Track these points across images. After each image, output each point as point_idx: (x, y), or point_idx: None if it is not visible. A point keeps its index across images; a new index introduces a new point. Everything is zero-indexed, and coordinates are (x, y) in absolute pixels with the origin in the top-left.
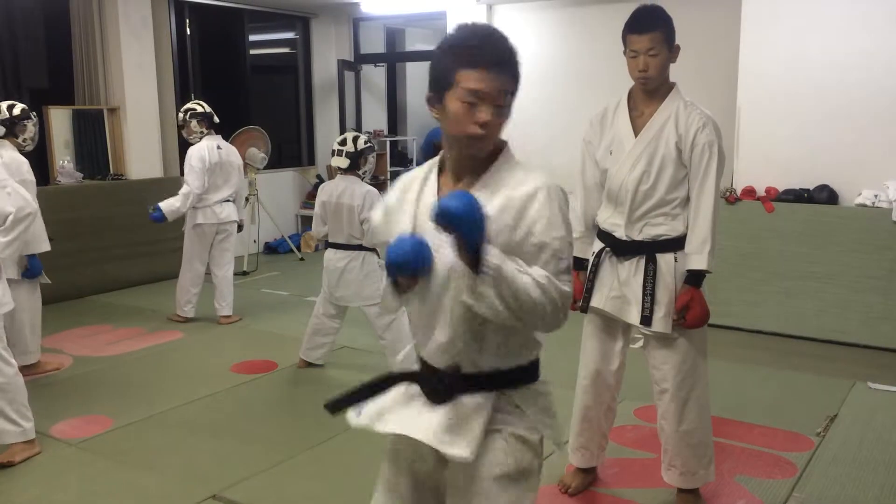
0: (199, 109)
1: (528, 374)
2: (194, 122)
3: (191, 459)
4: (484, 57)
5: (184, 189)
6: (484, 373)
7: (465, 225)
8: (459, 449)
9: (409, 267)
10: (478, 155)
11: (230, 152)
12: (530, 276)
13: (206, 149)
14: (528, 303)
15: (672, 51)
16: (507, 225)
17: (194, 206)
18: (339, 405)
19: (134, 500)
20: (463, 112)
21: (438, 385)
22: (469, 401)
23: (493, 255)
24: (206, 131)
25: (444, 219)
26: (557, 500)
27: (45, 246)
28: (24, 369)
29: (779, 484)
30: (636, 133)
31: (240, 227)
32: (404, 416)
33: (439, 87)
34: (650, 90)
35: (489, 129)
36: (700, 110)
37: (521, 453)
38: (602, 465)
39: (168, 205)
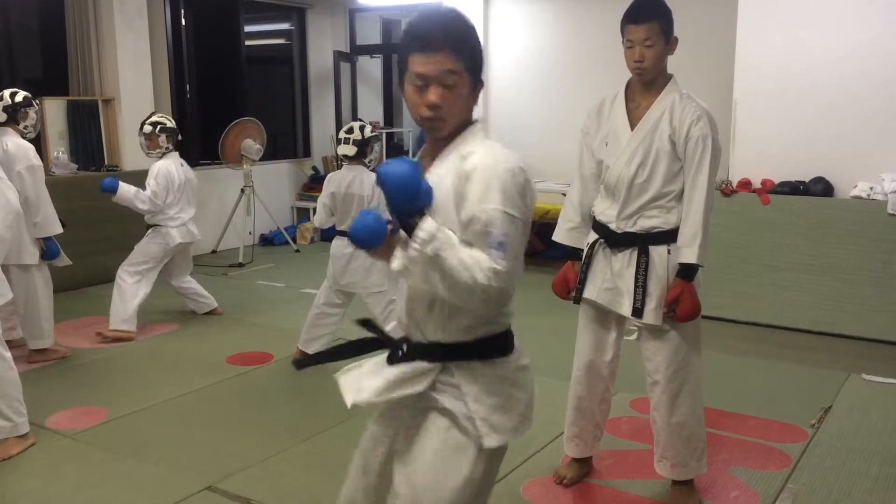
0: (169, 124)
1: (472, 350)
2: (163, 137)
3: (186, 451)
4: (425, 39)
5: (149, 195)
6: (428, 343)
7: (396, 191)
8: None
9: (360, 241)
10: (437, 136)
11: (189, 170)
12: (458, 255)
13: (174, 167)
14: (457, 282)
15: (669, 42)
16: (446, 199)
17: (167, 223)
18: (305, 363)
19: (129, 492)
20: (414, 95)
21: (395, 353)
22: (410, 367)
23: (424, 229)
24: (171, 148)
25: (378, 182)
26: (552, 492)
27: (58, 228)
28: (37, 353)
29: (773, 475)
30: (633, 125)
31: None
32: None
33: (401, 74)
34: (647, 82)
35: (438, 111)
36: (696, 103)
37: (446, 433)
38: (597, 456)
39: (126, 191)
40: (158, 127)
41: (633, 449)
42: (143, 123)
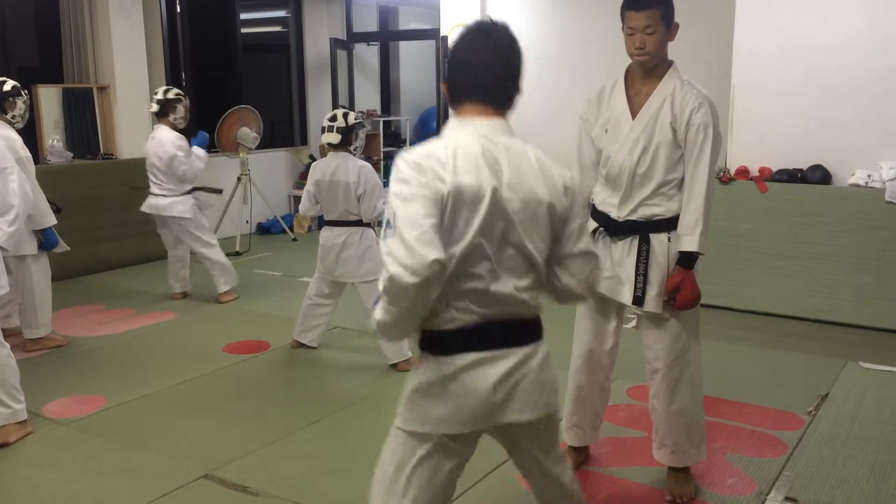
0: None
1: (422, 340)
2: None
3: (183, 439)
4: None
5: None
6: None
7: None
8: None
9: None
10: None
11: (153, 142)
12: None
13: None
14: None
15: (670, 28)
16: None
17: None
18: None
19: (126, 480)
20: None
21: None
22: None
23: None
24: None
25: None
26: None
27: (51, 220)
28: (33, 342)
29: (769, 462)
30: (633, 113)
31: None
32: None
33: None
34: (648, 69)
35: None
36: (697, 90)
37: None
38: (594, 443)
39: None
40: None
41: (630, 437)
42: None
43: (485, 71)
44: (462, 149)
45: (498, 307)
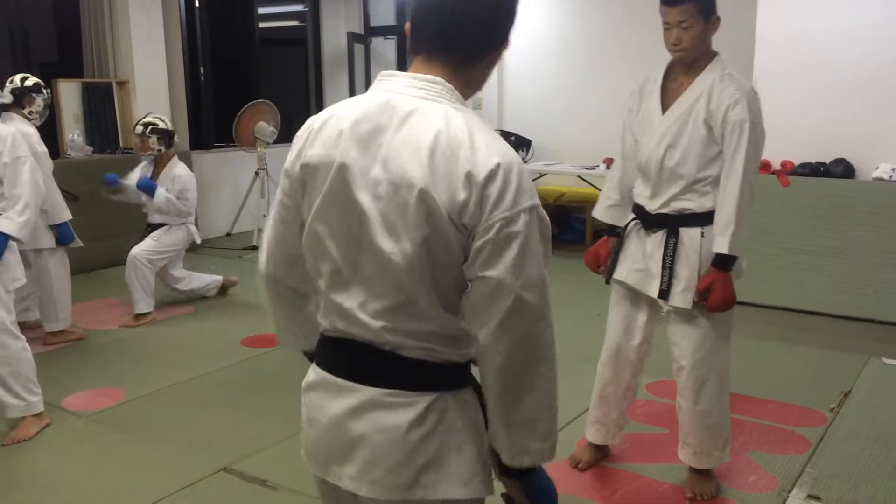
0: (161, 126)
1: None
2: (154, 139)
3: (202, 432)
4: None
5: (183, 207)
6: None
7: None
8: None
9: None
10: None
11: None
12: None
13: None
14: None
15: (710, 22)
16: None
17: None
18: None
19: (145, 473)
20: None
21: None
22: None
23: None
24: (163, 150)
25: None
26: (567, 475)
27: (67, 214)
28: (53, 335)
29: (792, 459)
30: (667, 106)
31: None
32: None
33: None
34: (687, 62)
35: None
36: (736, 84)
37: None
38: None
39: (164, 197)
40: (150, 128)
41: (650, 433)
42: (136, 124)
43: (442, 12)
44: (339, 114)
45: (343, 322)
